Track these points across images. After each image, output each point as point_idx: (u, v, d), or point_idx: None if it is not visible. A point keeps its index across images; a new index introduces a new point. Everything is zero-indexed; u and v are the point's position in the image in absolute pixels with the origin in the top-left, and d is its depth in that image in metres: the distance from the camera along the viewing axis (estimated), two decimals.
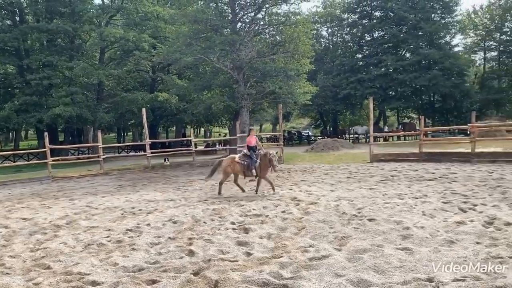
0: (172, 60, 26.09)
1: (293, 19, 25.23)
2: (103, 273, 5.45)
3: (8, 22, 32.22)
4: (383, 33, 45.67)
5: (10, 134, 59.72)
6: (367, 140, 24.17)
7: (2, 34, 29.11)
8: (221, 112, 31.05)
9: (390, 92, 44.27)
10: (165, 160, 22.88)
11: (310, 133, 52.48)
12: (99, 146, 20.78)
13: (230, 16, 25.67)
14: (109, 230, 7.92)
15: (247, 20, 26.21)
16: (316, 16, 49.45)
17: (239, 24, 26.11)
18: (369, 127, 21.06)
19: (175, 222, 8.21)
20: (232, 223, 7.85)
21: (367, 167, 16.53)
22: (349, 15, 48.62)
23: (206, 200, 10.67)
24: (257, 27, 26.45)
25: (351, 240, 6.25)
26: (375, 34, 46.98)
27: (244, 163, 11.20)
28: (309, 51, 26.56)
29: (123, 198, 11.95)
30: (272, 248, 6.13)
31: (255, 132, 12.74)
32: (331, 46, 50.91)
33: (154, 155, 22.66)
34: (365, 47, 47.87)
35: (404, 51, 45.34)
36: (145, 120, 21.74)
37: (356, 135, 42.95)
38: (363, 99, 44.38)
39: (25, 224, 8.95)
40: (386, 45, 45.60)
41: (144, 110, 21.90)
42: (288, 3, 25.34)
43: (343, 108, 48.33)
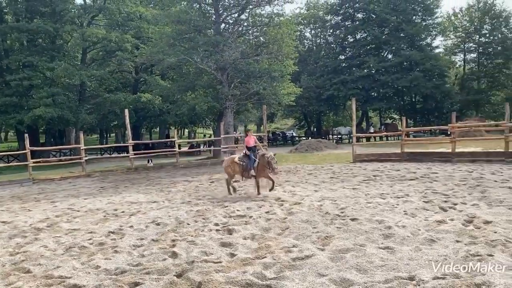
0: (155, 61, 25.92)
1: (277, 21, 25.33)
2: (85, 276, 5.38)
3: None
4: (366, 35, 46.17)
5: None
6: (350, 141, 24.40)
7: None
8: (205, 113, 30.95)
9: (373, 93, 44.83)
10: (148, 162, 22.71)
11: (294, 134, 52.67)
12: (81, 148, 20.52)
13: (214, 17, 25.63)
14: (91, 233, 7.82)
15: (231, 21, 26.21)
16: (300, 18, 49.77)
17: (223, 25, 26.07)
18: (352, 128, 21.25)
19: (158, 224, 8.16)
20: (216, 224, 7.83)
21: (350, 167, 16.68)
22: (332, 17, 49.06)
23: (190, 202, 10.62)
24: (241, 28, 26.47)
25: (334, 240, 6.30)
26: (358, 36, 47.49)
27: (243, 164, 11.03)
28: (293, 52, 26.71)
29: (106, 200, 11.81)
30: (256, 249, 6.14)
31: (252, 132, 12.46)
32: (315, 48, 51.26)
33: (137, 157, 22.48)
34: (348, 49, 48.34)
35: (386, 53, 45.93)
36: (128, 121, 21.57)
37: (340, 136, 43.27)
38: (346, 100, 44.77)
39: (5, 228, 8.79)
40: (369, 47, 46.17)
41: (127, 111, 21.72)
42: (272, 5, 25.41)
43: (327, 109, 48.68)
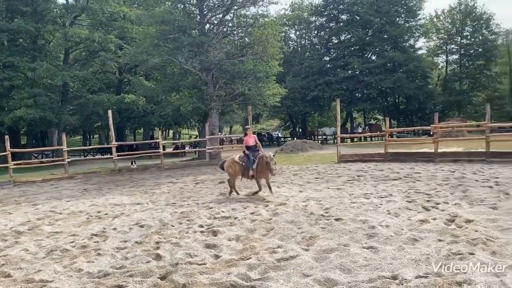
0: (139, 61, 25.71)
1: (262, 21, 25.37)
2: (67, 280, 5.29)
3: None
4: (350, 36, 46.56)
5: None
6: (335, 141, 24.57)
7: None
8: (190, 114, 30.82)
9: (357, 94, 45.24)
10: (132, 163, 22.46)
11: (280, 135, 52.85)
12: (64, 149, 20.23)
13: (198, 18, 25.52)
14: (74, 235, 7.71)
15: (216, 22, 26.15)
16: (284, 19, 49.94)
17: (208, 26, 26.01)
18: (337, 129, 21.38)
19: (142, 226, 8.08)
20: (201, 226, 7.78)
21: (335, 168, 16.77)
22: (317, 18, 49.33)
23: (174, 203, 10.54)
24: (226, 29, 26.43)
25: (319, 240, 6.32)
26: (342, 37, 47.86)
27: (243, 164, 10.81)
28: (278, 53, 26.76)
29: (89, 202, 11.66)
30: (241, 250, 6.13)
31: (252, 131, 11.96)
32: (300, 49, 51.50)
33: (121, 158, 22.24)
34: (333, 50, 48.68)
35: (370, 54, 46.38)
36: (111, 122, 21.34)
37: (325, 136, 43.53)
38: (331, 101, 45.10)
39: None
40: (353, 48, 46.56)
41: (110, 112, 21.51)
42: (256, 5, 25.42)
43: (312, 110, 48.92)
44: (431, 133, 21.22)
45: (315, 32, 50.25)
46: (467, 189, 9.86)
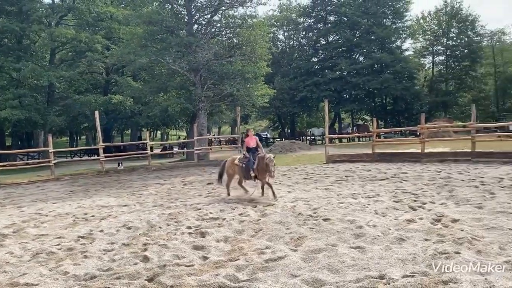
0: (127, 62, 25.55)
1: (250, 22, 25.42)
2: (53, 283, 5.22)
3: None
4: (338, 37, 46.84)
5: None
6: (323, 142, 24.66)
7: None
8: (178, 115, 30.72)
9: (345, 95, 45.52)
10: (119, 165, 22.25)
11: (269, 135, 52.89)
12: (50, 151, 19.97)
13: (186, 18, 25.46)
14: (60, 238, 7.61)
15: (204, 22, 26.11)
16: (273, 20, 50.05)
17: (195, 26, 25.95)
18: (325, 129, 21.47)
19: (130, 228, 8.01)
20: (189, 228, 7.74)
21: (323, 168, 16.84)
22: (305, 19, 49.55)
23: (162, 205, 10.47)
24: (214, 29, 26.40)
25: (307, 240, 6.33)
26: (330, 38, 48.12)
27: (243, 165, 10.72)
28: (266, 54, 26.82)
29: (75, 204, 11.52)
30: (229, 251, 6.11)
31: (253, 132, 11.78)
32: (288, 50, 51.65)
33: (108, 159, 22.03)
34: (321, 51, 48.92)
35: (358, 55, 46.72)
36: (98, 123, 21.15)
37: (313, 137, 43.69)
38: (319, 102, 45.30)
39: None
40: (340, 49, 46.85)
41: (97, 113, 21.31)
42: (245, 6, 25.49)
43: (300, 111, 49.11)
44: (418, 134, 21.42)
45: (303, 33, 50.48)
46: (453, 189, 9.98)
